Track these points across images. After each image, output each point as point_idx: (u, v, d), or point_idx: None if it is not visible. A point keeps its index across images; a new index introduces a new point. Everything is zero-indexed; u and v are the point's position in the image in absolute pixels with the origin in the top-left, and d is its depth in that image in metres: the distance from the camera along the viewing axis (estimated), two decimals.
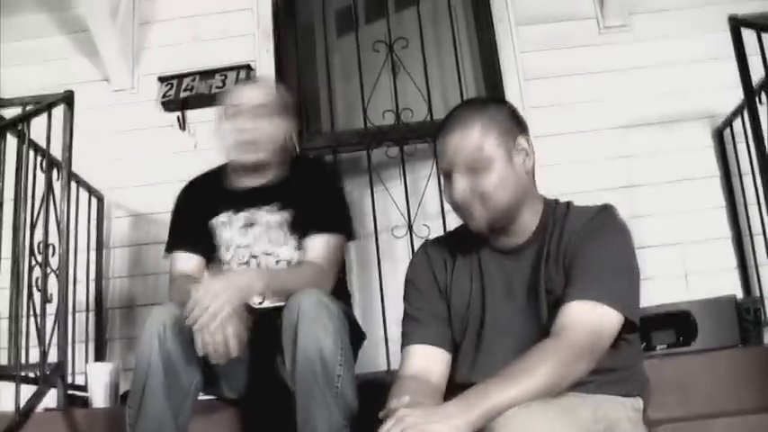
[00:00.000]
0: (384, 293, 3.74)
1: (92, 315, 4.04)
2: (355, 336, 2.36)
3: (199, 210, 2.62)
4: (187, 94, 4.29)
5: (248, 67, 4.33)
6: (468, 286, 1.90)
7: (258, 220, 2.56)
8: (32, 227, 3.13)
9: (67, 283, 3.28)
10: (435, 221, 3.80)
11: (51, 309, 3.15)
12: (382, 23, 4.37)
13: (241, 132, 2.53)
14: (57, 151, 3.29)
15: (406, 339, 1.91)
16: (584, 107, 4.05)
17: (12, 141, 3.04)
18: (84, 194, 3.92)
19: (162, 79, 4.38)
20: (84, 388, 3.36)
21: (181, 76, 4.35)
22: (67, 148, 3.32)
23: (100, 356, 4.00)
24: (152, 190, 4.17)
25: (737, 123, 3.60)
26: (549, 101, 4.07)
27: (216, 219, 2.60)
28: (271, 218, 2.55)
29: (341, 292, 2.53)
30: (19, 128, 3.03)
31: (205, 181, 2.72)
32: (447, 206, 2.07)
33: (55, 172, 3.27)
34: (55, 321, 3.12)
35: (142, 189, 4.24)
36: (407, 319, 1.95)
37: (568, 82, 4.10)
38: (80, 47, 4.48)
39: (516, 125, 1.87)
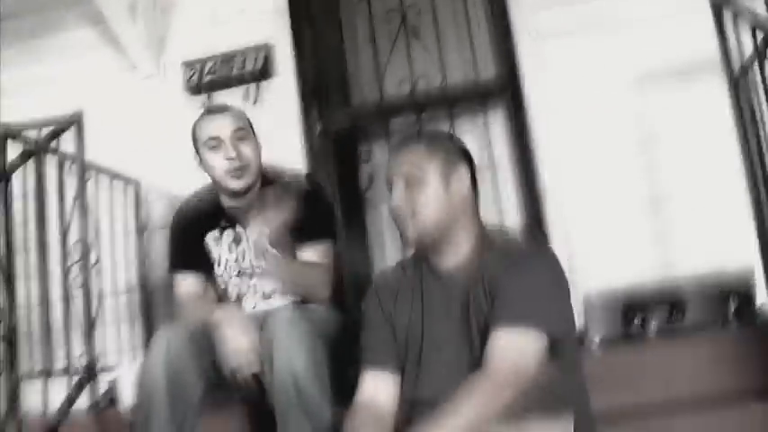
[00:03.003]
0: None
1: (136, 297, 4.27)
2: (348, 335, 2.53)
3: (193, 230, 2.86)
4: (210, 77, 4.44)
5: (266, 46, 4.44)
6: (409, 308, 2.04)
7: (243, 237, 2.79)
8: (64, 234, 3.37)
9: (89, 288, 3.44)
10: None
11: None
12: None
13: (230, 162, 2.69)
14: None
15: (362, 365, 2.08)
16: (597, 62, 4.03)
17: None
18: (119, 183, 4.15)
19: (186, 64, 4.52)
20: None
21: (203, 61, 4.49)
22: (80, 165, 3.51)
23: (149, 336, 4.23)
24: (185, 171, 4.32)
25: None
26: (561, 58, 4.07)
27: (208, 236, 2.84)
28: (253, 234, 2.70)
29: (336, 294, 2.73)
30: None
31: (197, 202, 2.93)
32: None
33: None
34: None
35: (175, 171, 4.40)
36: (361, 347, 2.11)
37: (581, 38, 4.07)
38: (107, 39, 4.65)
39: (461, 158, 2.05)
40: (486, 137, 4.28)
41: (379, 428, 1.90)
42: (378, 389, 2.01)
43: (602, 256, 3.72)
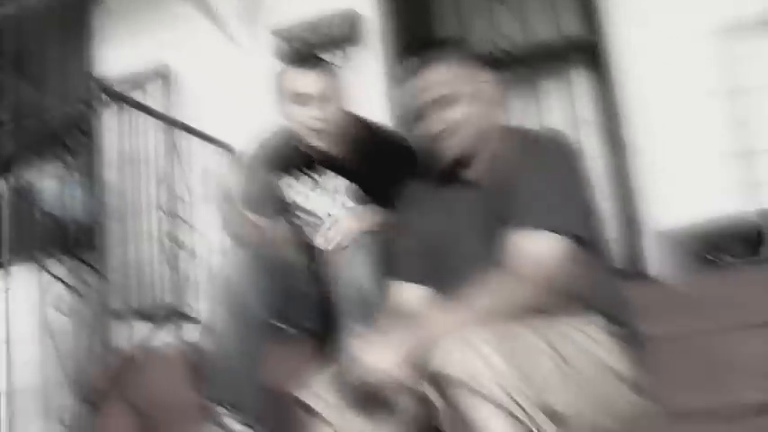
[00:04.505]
0: None
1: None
2: None
3: (268, 170, 2.85)
4: (299, 44, 4.57)
5: (354, 12, 4.54)
6: (434, 219, 2.04)
7: (321, 185, 2.78)
8: (159, 183, 3.58)
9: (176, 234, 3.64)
10: None
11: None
12: None
13: (315, 121, 2.63)
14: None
15: (389, 276, 2.11)
16: (683, 12, 3.95)
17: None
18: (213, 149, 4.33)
19: (276, 33, 4.68)
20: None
21: (293, 29, 4.63)
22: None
23: None
24: None
25: None
26: (647, 11, 4.00)
27: (284, 180, 2.82)
28: (332, 183, 2.75)
29: None
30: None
31: (272, 142, 2.90)
32: None
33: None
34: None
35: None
36: (390, 257, 2.16)
37: None
38: (206, 14, 4.82)
39: (479, 62, 2.02)
40: (569, 95, 4.26)
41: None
42: (406, 298, 2.02)
43: (686, 205, 3.65)
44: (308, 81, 2.65)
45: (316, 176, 2.79)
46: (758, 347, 2.34)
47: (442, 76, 1.95)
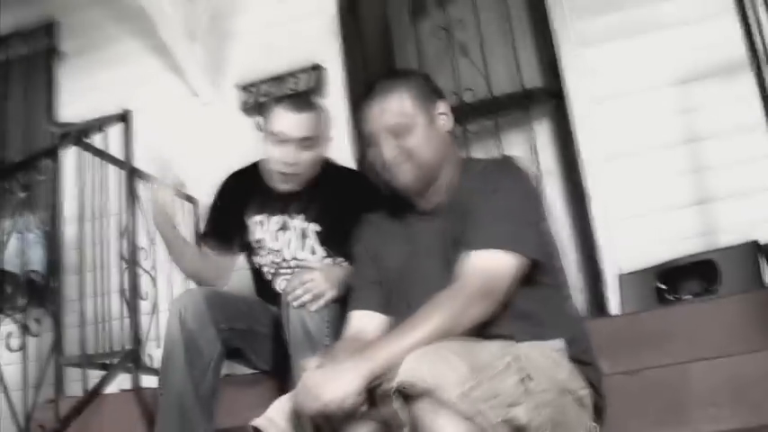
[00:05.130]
0: None
1: None
2: None
3: (237, 204, 2.85)
4: (264, 98, 4.60)
5: (318, 67, 4.60)
6: (396, 250, 2.04)
7: (290, 226, 2.78)
8: (120, 233, 3.55)
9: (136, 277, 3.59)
10: None
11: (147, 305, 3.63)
12: (440, 12, 4.59)
13: (285, 165, 2.68)
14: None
15: (348, 307, 2.09)
16: (641, 65, 4.04)
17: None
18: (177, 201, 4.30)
19: (241, 87, 4.72)
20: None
21: (258, 83, 4.67)
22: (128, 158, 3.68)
23: None
24: None
25: None
26: (606, 64, 4.08)
27: (253, 218, 2.82)
28: (302, 226, 2.76)
29: None
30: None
31: (245, 177, 2.90)
32: None
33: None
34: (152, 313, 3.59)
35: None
36: (349, 288, 2.14)
37: (626, 43, 4.08)
38: (170, 67, 4.89)
39: (433, 91, 2.04)
40: (531, 145, 4.30)
41: None
42: (364, 326, 2.00)
43: (646, 249, 3.68)
44: (289, 122, 2.68)
45: (286, 218, 2.79)
46: (712, 379, 2.34)
47: (397, 105, 1.96)
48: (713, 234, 3.64)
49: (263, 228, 2.81)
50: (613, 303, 3.70)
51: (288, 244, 2.78)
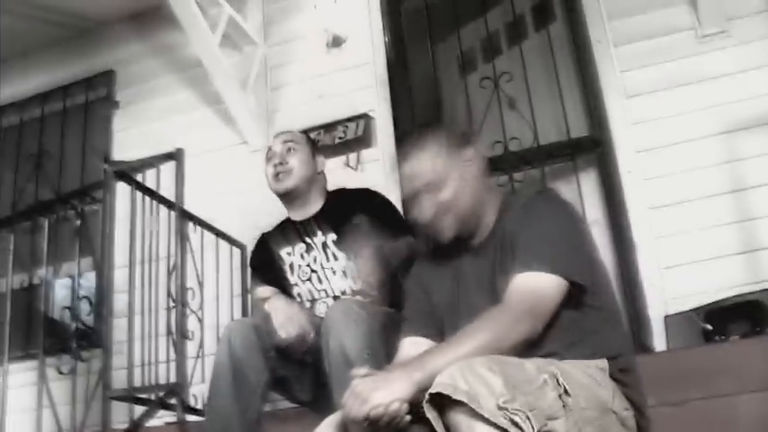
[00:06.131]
0: None
1: None
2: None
3: (271, 249, 3.12)
4: None
5: (366, 116, 4.67)
6: (446, 286, 2.11)
7: (313, 245, 3.00)
8: (168, 273, 3.62)
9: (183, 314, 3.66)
10: None
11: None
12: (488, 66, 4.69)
13: (275, 167, 3.04)
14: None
15: (401, 335, 2.14)
16: (685, 116, 4.05)
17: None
18: (225, 246, 4.38)
19: None
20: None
21: (308, 131, 4.74)
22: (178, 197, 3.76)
23: None
24: None
25: None
26: (652, 115, 4.11)
27: (283, 251, 3.07)
28: (321, 240, 2.98)
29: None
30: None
31: (271, 229, 3.21)
32: None
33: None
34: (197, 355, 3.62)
35: None
36: (402, 319, 2.19)
37: (671, 94, 4.12)
38: (222, 117, 5.02)
39: (460, 140, 2.11)
40: (578, 195, 4.31)
41: None
42: (416, 352, 2.01)
43: (693, 294, 3.65)
44: (275, 140, 3.14)
45: (307, 239, 3.02)
46: (760, 412, 2.34)
47: (425, 164, 2.05)
48: (759, 283, 3.59)
49: (291, 255, 3.05)
50: (659, 346, 3.67)
51: (314, 259, 2.99)
